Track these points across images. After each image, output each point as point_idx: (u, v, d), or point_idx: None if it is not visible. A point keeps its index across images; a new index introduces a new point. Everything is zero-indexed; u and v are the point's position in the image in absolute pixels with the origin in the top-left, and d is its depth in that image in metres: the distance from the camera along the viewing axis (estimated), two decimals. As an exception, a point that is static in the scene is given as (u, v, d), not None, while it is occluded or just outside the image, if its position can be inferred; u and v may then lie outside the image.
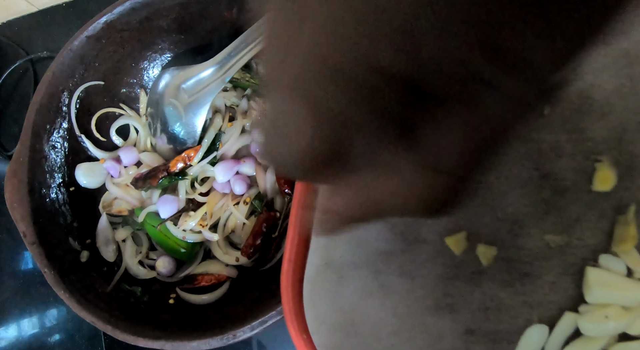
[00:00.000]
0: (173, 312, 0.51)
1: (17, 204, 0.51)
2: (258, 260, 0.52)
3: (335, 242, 0.32)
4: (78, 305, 0.47)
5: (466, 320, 0.32)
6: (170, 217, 0.52)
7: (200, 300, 0.51)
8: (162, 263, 0.53)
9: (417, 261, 0.32)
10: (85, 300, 0.48)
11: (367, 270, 0.32)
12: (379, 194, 0.16)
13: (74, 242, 0.53)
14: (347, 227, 0.18)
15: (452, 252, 0.32)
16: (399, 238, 0.32)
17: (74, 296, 0.48)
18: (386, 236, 0.32)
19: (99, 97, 0.57)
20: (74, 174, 0.56)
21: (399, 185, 0.15)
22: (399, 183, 0.15)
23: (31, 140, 0.52)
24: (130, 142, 0.59)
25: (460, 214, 0.33)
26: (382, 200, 0.16)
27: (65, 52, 0.53)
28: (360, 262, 0.32)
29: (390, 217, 0.17)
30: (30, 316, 0.68)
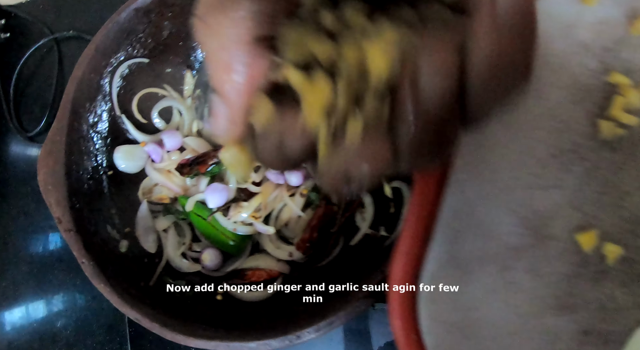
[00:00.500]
0: (221, 309, 0.45)
1: (52, 187, 0.45)
2: (312, 256, 0.47)
3: (463, 235, 0.29)
4: (120, 300, 0.42)
5: (584, 321, 0.29)
6: (220, 208, 0.46)
7: (251, 297, 0.46)
8: (208, 256, 0.47)
9: (545, 258, 0.29)
10: (129, 295, 0.42)
11: (495, 265, 0.29)
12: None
13: (112, 231, 0.47)
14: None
15: (580, 249, 0.30)
16: (530, 233, 0.29)
17: (116, 290, 0.42)
18: (517, 230, 0.29)
19: (142, 75, 0.52)
20: (113, 157, 0.50)
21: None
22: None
23: (69, 118, 0.46)
24: (173, 125, 0.53)
25: (592, 211, 0.30)
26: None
27: (110, 24, 0.47)
28: (488, 257, 0.29)
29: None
30: (44, 302, 0.62)
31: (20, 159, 0.68)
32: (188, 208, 0.47)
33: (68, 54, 0.69)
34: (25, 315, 0.62)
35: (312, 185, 0.48)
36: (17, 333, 0.62)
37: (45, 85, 0.68)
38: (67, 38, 0.69)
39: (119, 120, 0.51)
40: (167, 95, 0.53)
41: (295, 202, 0.47)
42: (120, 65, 0.49)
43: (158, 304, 0.44)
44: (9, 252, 0.65)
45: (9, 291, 0.64)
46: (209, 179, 0.48)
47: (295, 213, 0.47)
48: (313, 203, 0.48)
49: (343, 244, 0.47)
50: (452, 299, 0.29)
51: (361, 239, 0.46)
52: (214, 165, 0.47)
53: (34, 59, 0.69)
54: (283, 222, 0.48)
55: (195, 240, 0.50)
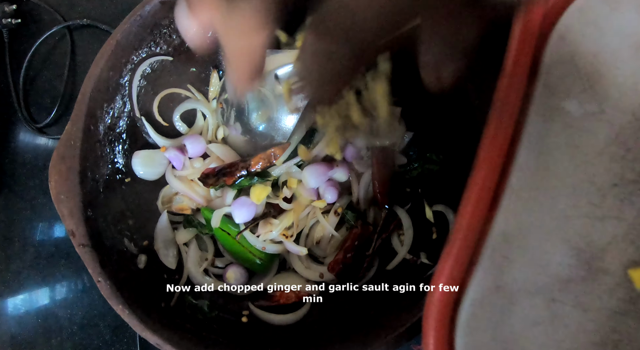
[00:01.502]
0: (247, 332, 0.40)
1: (65, 196, 0.38)
2: (344, 278, 0.41)
3: (511, 263, 0.26)
4: (141, 324, 0.36)
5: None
6: (249, 225, 0.40)
7: (279, 320, 0.40)
8: (233, 274, 0.41)
9: (595, 292, 0.26)
10: (148, 318, 0.36)
11: (542, 297, 0.26)
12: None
13: (129, 244, 0.41)
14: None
15: (631, 285, 0.26)
16: (582, 265, 0.26)
17: (136, 313, 0.36)
18: (570, 262, 0.26)
19: (164, 75, 0.45)
20: (131, 162, 0.43)
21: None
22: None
23: (85, 120, 0.39)
24: (196, 129, 0.46)
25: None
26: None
27: (133, 17, 0.40)
28: (535, 288, 0.26)
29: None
30: (49, 297, 0.57)
31: (28, 151, 0.61)
32: (214, 224, 0.40)
33: (81, 44, 0.61)
34: (29, 308, 0.57)
35: (346, 203, 0.42)
36: (20, 327, 0.57)
37: (56, 75, 0.61)
38: (81, 26, 0.61)
39: (138, 123, 0.44)
40: (190, 97, 0.46)
41: (329, 221, 0.41)
42: (142, 63, 0.42)
43: (180, 327, 0.38)
44: (14, 244, 0.59)
45: (14, 283, 0.58)
46: (235, 192, 0.41)
47: (328, 232, 0.41)
48: (347, 222, 0.41)
49: (378, 267, 0.41)
50: (492, 329, 0.26)
51: (400, 264, 0.40)
52: (242, 178, 0.40)
53: (46, 47, 0.61)
54: (314, 241, 0.42)
55: (217, 255, 0.44)
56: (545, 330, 0.26)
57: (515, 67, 0.27)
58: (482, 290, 0.26)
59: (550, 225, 0.26)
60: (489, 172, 0.26)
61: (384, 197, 0.40)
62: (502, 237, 0.26)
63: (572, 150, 0.26)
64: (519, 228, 0.26)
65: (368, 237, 0.41)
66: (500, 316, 0.26)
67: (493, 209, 0.26)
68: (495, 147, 0.26)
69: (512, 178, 0.26)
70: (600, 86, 0.26)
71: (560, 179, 0.26)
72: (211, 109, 0.46)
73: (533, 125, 0.26)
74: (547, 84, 0.26)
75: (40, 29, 0.61)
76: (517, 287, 0.26)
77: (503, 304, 0.26)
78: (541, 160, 0.26)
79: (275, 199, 0.41)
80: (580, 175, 0.26)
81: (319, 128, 0.42)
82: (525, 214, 0.26)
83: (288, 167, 0.41)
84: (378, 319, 0.37)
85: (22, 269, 0.58)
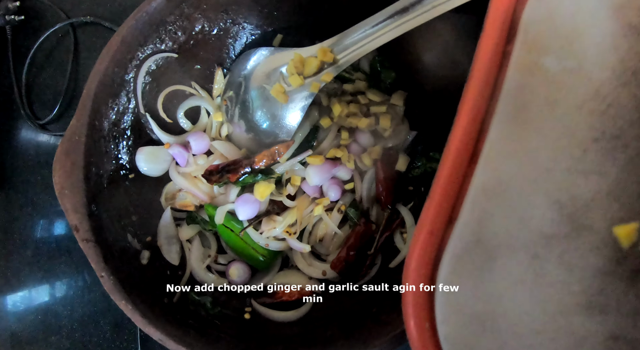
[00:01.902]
0: (250, 328, 0.39)
1: (69, 191, 0.38)
2: (346, 276, 0.41)
3: (492, 216, 0.25)
4: (144, 319, 0.35)
5: (613, 325, 0.25)
6: (252, 221, 0.40)
7: (283, 317, 0.40)
8: (236, 271, 0.41)
9: (580, 250, 0.25)
10: (151, 313, 0.36)
11: (525, 253, 0.25)
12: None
13: (132, 240, 0.41)
14: None
15: (616, 244, 0.25)
16: (565, 220, 0.25)
17: (139, 309, 0.35)
18: (553, 216, 0.25)
19: (169, 71, 0.44)
20: (135, 158, 0.43)
21: None
22: None
23: (90, 116, 0.39)
24: (200, 127, 0.46)
25: (632, 204, 0.25)
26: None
27: (139, 14, 0.40)
28: (518, 243, 0.25)
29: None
30: (49, 294, 0.56)
31: (30, 147, 0.61)
32: (218, 220, 0.40)
33: (84, 41, 0.60)
34: (29, 305, 0.56)
35: (350, 201, 0.41)
36: (20, 324, 0.56)
37: (59, 72, 0.60)
38: (84, 23, 0.61)
39: (142, 119, 0.44)
40: (194, 94, 0.46)
41: (333, 218, 0.40)
42: (147, 59, 0.42)
43: (183, 323, 0.37)
44: (15, 240, 0.58)
45: (14, 280, 0.57)
46: (239, 189, 0.41)
47: (331, 229, 0.41)
48: (350, 220, 0.41)
49: (381, 265, 0.41)
50: (474, 286, 0.25)
51: (402, 262, 0.40)
52: (246, 175, 0.40)
53: (49, 44, 0.60)
54: (317, 238, 0.41)
55: (220, 252, 0.44)
56: (530, 289, 0.25)
57: (493, 24, 0.26)
58: (462, 245, 0.25)
59: (531, 178, 0.25)
60: (468, 125, 0.26)
61: (387, 197, 0.40)
62: (482, 190, 0.25)
63: (551, 104, 0.26)
64: (498, 181, 0.25)
65: (371, 235, 0.41)
66: (480, 272, 0.25)
67: (473, 164, 0.26)
68: (475, 101, 0.26)
69: (492, 131, 0.25)
70: (579, 44, 0.26)
71: (539, 132, 0.25)
72: (215, 106, 0.46)
73: (512, 81, 0.26)
74: (525, 41, 0.26)
75: (43, 26, 0.60)
76: (498, 241, 0.25)
77: (484, 259, 0.25)
78: (520, 114, 0.26)
79: (278, 196, 0.41)
80: (560, 129, 0.25)
81: (322, 126, 0.42)
82: (505, 166, 0.25)
83: (292, 164, 0.41)
84: (380, 316, 0.37)
85: (23, 266, 0.57)
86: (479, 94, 0.26)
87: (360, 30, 0.36)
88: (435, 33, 0.40)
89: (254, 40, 0.46)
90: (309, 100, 0.39)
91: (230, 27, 0.44)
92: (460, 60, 0.39)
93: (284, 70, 0.39)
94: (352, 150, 0.42)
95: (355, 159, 0.41)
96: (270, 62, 0.41)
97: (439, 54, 0.41)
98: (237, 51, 0.46)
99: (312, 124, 0.42)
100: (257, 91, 0.41)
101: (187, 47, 0.44)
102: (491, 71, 0.26)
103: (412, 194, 0.42)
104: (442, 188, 0.26)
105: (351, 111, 0.42)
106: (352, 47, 0.36)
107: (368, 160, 0.41)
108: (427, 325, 0.25)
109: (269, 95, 0.40)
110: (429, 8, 0.32)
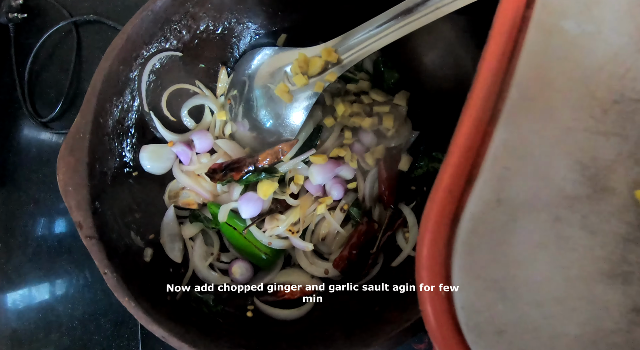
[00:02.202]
0: (252, 326, 0.39)
1: (73, 189, 0.38)
2: (348, 274, 0.41)
3: (513, 175, 0.24)
4: (147, 316, 0.35)
5: (637, 295, 0.24)
6: (255, 220, 0.40)
7: (285, 315, 0.40)
8: (238, 269, 0.41)
9: (602, 213, 0.24)
10: (154, 311, 0.36)
11: (546, 215, 0.24)
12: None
13: (136, 237, 0.41)
14: None
15: (639, 209, 0.24)
16: (587, 181, 0.24)
17: (142, 306, 0.35)
18: (575, 177, 0.24)
19: (173, 70, 0.44)
20: (138, 156, 0.43)
21: None
22: None
23: (95, 113, 0.39)
24: (204, 125, 0.46)
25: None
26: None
27: (144, 13, 0.40)
28: (539, 203, 0.24)
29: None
30: (50, 292, 0.56)
31: (32, 145, 0.60)
32: (221, 218, 0.40)
33: (87, 39, 0.60)
34: (29, 303, 0.56)
35: (352, 200, 0.42)
36: (20, 321, 0.56)
37: (62, 70, 0.60)
38: (87, 22, 0.60)
39: (146, 117, 0.44)
40: (198, 93, 0.46)
41: (335, 217, 0.41)
42: (152, 57, 0.42)
43: (186, 321, 0.37)
44: (16, 238, 0.58)
45: (15, 278, 0.57)
46: (242, 188, 0.41)
47: (334, 228, 0.41)
48: (353, 219, 0.41)
49: (383, 264, 0.41)
50: (493, 249, 0.24)
51: (405, 261, 0.40)
52: (249, 173, 0.40)
53: (51, 42, 0.60)
54: (320, 237, 0.42)
55: (222, 250, 0.44)
56: (551, 253, 0.24)
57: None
58: (482, 204, 0.24)
59: (553, 137, 0.24)
60: (489, 84, 0.25)
61: (390, 197, 0.40)
62: (502, 147, 0.24)
63: (571, 64, 0.25)
64: (520, 139, 0.24)
65: (373, 235, 0.41)
66: (501, 234, 0.24)
67: (492, 123, 0.25)
68: (495, 60, 0.25)
69: (512, 90, 0.25)
70: (598, 10, 0.26)
71: (560, 92, 0.25)
72: (219, 105, 0.46)
73: (532, 42, 0.25)
74: (545, 4, 0.26)
75: (46, 24, 0.60)
76: (520, 201, 0.24)
77: (505, 220, 0.24)
78: (541, 74, 0.25)
79: (282, 194, 0.41)
80: (580, 89, 0.25)
81: (325, 126, 0.42)
82: (526, 124, 0.24)
83: (295, 163, 0.41)
84: (382, 315, 0.37)
85: (23, 264, 0.57)
86: (501, 53, 0.25)
87: (365, 31, 0.36)
88: (438, 33, 0.40)
89: (258, 39, 0.46)
90: (313, 99, 0.39)
91: (235, 26, 0.44)
92: (463, 61, 0.39)
93: (288, 69, 0.39)
94: (355, 149, 0.42)
95: (358, 159, 0.41)
96: (274, 62, 0.41)
97: (441, 54, 0.41)
98: (241, 50, 0.46)
99: (316, 123, 0.42)
100: (261, 90, 0.41)
101: (192, 46, 0.44)
102: (512, 32, 0.26)
103: (415, 193, 0.42)
104: (461, 146, 0.24)
105: (354, 111, 0.42)
106: (356, 48, 0.36)
107: (371, 160, 0.41)
108: (443, 292, 0.24)
109: (273, 95, 0.40)
110: (432, 9, 0.32)
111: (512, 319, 0.23)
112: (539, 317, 0.23)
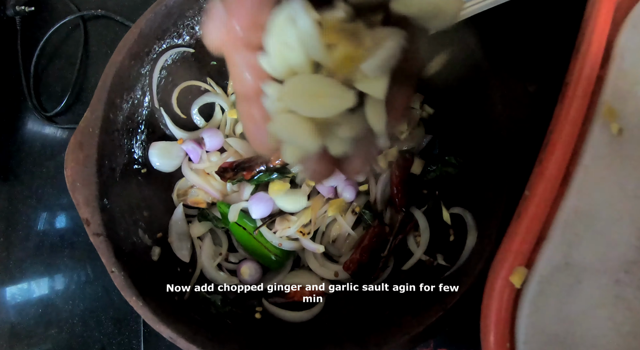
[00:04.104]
0: (261, 328, 0.38)
1: (81, 184, 0.36)
2: (359, 277, 0.40)
3: (582, 240, 0.25)
4: (154, 316, 0.34)
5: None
6: (266, 220, 0.38)
7: (294, 317, 0.38)
8: (247, 270, 0.39)
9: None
10: (162, 310, 0.34)
11: (608, 277, 0.25)
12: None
13: (143, 236, 0.39)
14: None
15: None
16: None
17: (149, 306, 0.34)
18: (636, 243, 0.25)
19: (185, 66, 0.43)
20: (148, 153, 0.41)
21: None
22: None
23: (105, 108, 0.37)
24: (214, 123, 0.44)
25: None
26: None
27: (157, 7, 0.38)
28: (603, 267, 0.25)
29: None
30: (50, 287, 0.54)
31: (36, 139, 0.58)
32: (232, 218, 0.39)
33: (94, 34, 0.59)
34: (29, 297, 0.54)
35: (364, 203, 0.40)
36: (20, 316, 0.54)
37: (68, 64, 0.58)
38: (95, 17, 0.59)
39: (156, 114, 0.42)
40: (209, 90, 0.44)
41: (347, 220, 0.39)
42: (164, 53, 0.40)
43: (193, 321, 0.36)
44: (17, 232, 0.56)
45: (15, 272, 0.55)
46: (253, 187, 0.40)
47: (345, 230, 0.40)
48: (364, 222, 0.40)
49: (394, 267, 0.40)
50: (557, 308, 0.25)
51: (415, 265, 0.39)
52: (261, 173, 0.39)
53: (58, 36, 0.58)
54: (331, 239, 0.40)
55: (231, 250, 0.42)
56: (608, 312, 0.25)
57: (590, 47, 0.26)
58: (551, 267, 0.25)
59: (620, 205, 0.25)
60: (562, 148, 0.26)
61: (401, 200, 0.39)
62: (574, 214, 0.25)
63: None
64: (589, 205, 0.25)
65: (384, 238, 0.40)
66: (567, 295, 0.25)
67: (564, 185, 0.26)
68: (569, 124, 0.26)
69: (585, 155, 0.25)
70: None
71: (629, 161, 0.26)
72: (230, 104, 0.44)
73: (606, 107, 0.26)
74: (620, 68, 0.26)
75: (53, 18, 0.58)
76: (585, 264, 0.25)
77: (571, 282, 0.25)
78: (613, 141, 0.26)
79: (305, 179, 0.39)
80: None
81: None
82: (596, 192, 0.25)
83: (307, 164, 0.39)
84: (393, 319, 0.36)
85: (25, 258, 0.55)
86: (575, 116, 0.26)
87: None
88: (455, 36, 0.39)
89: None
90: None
91: (249, 24, 0.43)
92: (480, 64, 0.38)
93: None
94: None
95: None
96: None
97: (457, 57, 0.40)
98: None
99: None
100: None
101: (204, 43, 0.42)
102: (586, 94, 0.26)
103: (426, 197, 0.41)
104: (535, 208, 0.26)
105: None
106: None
107: (383, 163, 0.40)
108: (509, 346, 0.25)
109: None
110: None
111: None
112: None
